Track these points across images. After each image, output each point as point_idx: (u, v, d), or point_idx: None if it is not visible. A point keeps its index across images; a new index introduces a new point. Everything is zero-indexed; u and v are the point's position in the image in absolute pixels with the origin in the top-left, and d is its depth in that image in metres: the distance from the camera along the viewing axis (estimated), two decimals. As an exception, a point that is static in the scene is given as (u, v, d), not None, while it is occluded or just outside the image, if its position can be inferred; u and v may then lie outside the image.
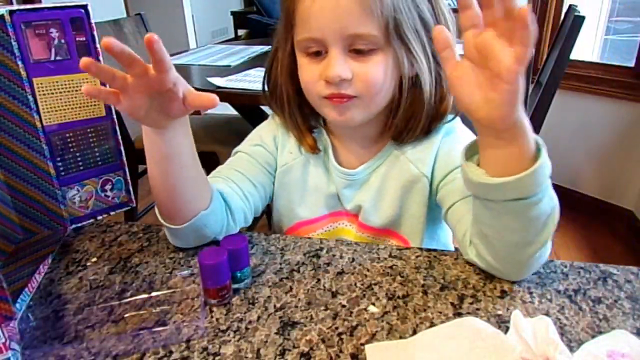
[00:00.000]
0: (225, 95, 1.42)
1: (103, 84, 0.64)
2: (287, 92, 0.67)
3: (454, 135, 0.68)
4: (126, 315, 0.51)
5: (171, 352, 0.46)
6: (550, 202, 0.49)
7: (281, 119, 0.71)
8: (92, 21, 0.62)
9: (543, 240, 0.51)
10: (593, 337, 0.46)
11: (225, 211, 0.63)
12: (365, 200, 0.69)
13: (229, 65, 1.71)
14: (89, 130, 0.66)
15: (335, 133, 0.71)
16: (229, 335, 0.48)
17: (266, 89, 0.71)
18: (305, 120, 0.69)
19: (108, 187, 0.70)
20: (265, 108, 1.57)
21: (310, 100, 0.65)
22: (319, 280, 0.56)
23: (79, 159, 0.66)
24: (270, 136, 0.73)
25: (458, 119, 0.68)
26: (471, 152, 0.52)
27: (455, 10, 0.45)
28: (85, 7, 0.61)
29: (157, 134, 0.54)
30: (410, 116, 0.64)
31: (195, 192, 0.59)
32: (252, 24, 5.14)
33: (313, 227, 0.72)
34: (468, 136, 0.68)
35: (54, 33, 0.60)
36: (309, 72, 0.61)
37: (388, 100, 0.63)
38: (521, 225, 0.50)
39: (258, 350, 0.46)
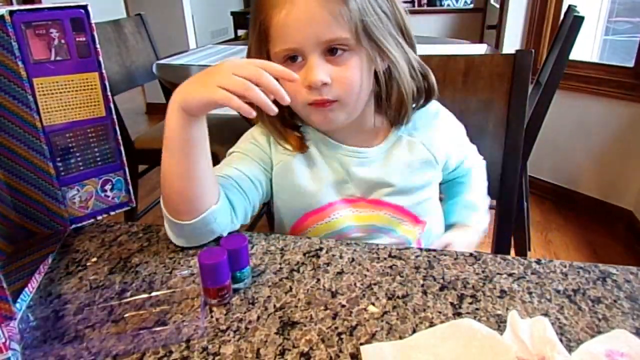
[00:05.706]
0: (225, 95, 1.41)
1: (103, 86, 0.65)
2: None
3: (445, 117, 0.77)
4: (126, 315, 0.51)
5: (171, 352, 0.46)
6: None
7: (262, 123, 0.72)
8: (92, 21, 0.62)
9: None
10: (592, 336, 0.46)
11: (229, 207, 0.65)
12: (373, 174, 0.72)
13: (229, 66, 1.71)
14: (89, 130, 0.66)
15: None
16: (228, 335, 0.48)
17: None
18: (284, 122, 0.71)
19: (108, 187, 0.70)
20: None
21: (296, 110, 0.68)
22: (318, 280, 0.56)
23: (79, 159, 0.66)
24: (262, 136, 0.74)
25: (434, 101, 0.74)
26: None
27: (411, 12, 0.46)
28: (85, 7, 0.61)
29: (194, 119, 0.57)
30: (400, 101, 0.68)
31: (209, 184, 0.61)
32: (251, 24, 5.14)
33: (321, 216, 0.72)
34: (449, 114, 0.79)
35: (54, 33, 0.60)
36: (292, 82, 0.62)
37: (367, 99, 0.68)
38: None
39: (258, 350, 0.46)
